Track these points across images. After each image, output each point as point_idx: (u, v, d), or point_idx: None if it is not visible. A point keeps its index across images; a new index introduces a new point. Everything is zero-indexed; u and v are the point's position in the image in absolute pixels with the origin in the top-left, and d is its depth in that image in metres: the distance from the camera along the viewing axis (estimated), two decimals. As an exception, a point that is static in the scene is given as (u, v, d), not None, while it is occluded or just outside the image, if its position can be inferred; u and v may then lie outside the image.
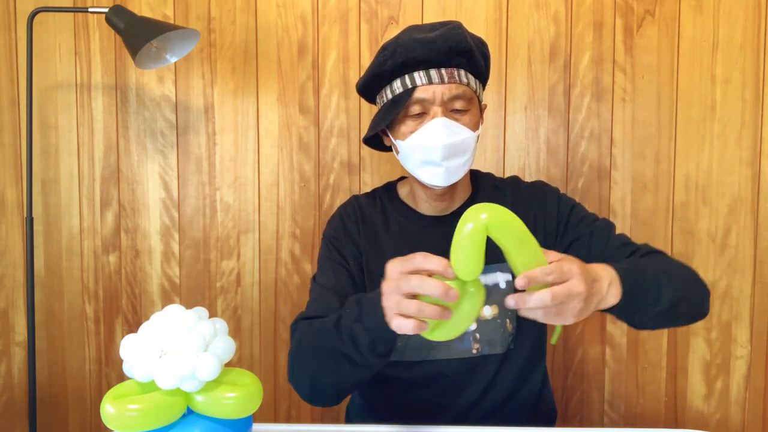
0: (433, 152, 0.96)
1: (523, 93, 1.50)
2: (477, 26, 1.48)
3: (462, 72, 0.98)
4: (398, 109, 0.97)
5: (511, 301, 0.71)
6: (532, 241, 0.73)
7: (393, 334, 0.79)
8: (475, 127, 1.00)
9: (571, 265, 0.73)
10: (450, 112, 0.98)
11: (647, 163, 1.49)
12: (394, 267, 0.77)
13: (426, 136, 0.96)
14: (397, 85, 0.99)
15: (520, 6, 1.48)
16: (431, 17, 1.49)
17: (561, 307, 0.72)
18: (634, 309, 0.85)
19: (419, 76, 0.97)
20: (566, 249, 1.05)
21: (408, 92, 0.97)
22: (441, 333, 0.74)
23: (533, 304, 0.70)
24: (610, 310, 0.83)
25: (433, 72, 0.97)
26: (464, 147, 0.98)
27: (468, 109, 0.99)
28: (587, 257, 0.99)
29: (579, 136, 1.50)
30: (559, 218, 1.07)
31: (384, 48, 1.00)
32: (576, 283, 0.71)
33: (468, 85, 0.99)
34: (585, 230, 1.04)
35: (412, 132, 0.98)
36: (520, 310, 0.73)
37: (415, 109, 0.97)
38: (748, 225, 1.49)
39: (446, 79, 0.96)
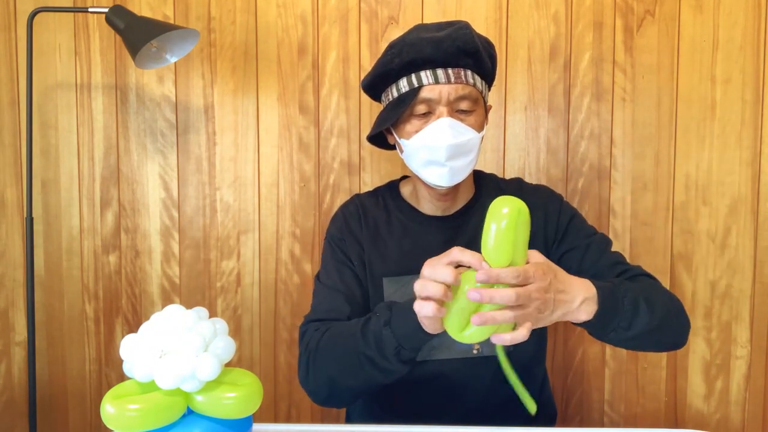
0: (437, 152, 0.96)
1: (523, 93, 1.50)
2: (477, 26, 1.48)
3: (469, 72, 0.98)
4: (404, 108, 0.97)
5: (474, 294, 0.70)
6: (526, 243, 0.75)
7: (420, 341, 0.81)
8: (480, 128, 1.00)
9: (537, 270, 0.73)
10: (455, 112, 0.98)
11: (647, 163, 1.49)
12: (429, 262, 0.77)
13: (431, 135, 0.96)
14: (404, 84, 0.98)
15: (520, 6, 1.48)
16: (431, 17, 1.49)
17: (520, 310, 0.72)
18: (607, 329, 0.84)
19: (426, 76, 0.97)
20: (560, 257, 1.05)
21: (414, 91, 0.97)
22: (475, 333, 0.74)
23: (499, 300, 0.71)
24: (584, 326, 0.83)
25: (439, 72, 0.96)
26: (469, 147, 0.98)
27: (473, 110, 0.99)
28: (578, 269, 1.01)
29: (579, 136, 1.50)
30: (558, 225, 1.06)
31: (391, 46, 1.00)
32: (538, 288, 0.72)
33: (474, 85, 0.99)
34: (581, 242, 1.04)
35: (417, 131, 0.98)
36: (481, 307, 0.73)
37: (421, 108, 0.97)
38: (748, 225, 1.49)
39: (453, 79, 0.96)
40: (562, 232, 1.06)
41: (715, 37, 1.46)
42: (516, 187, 1.11)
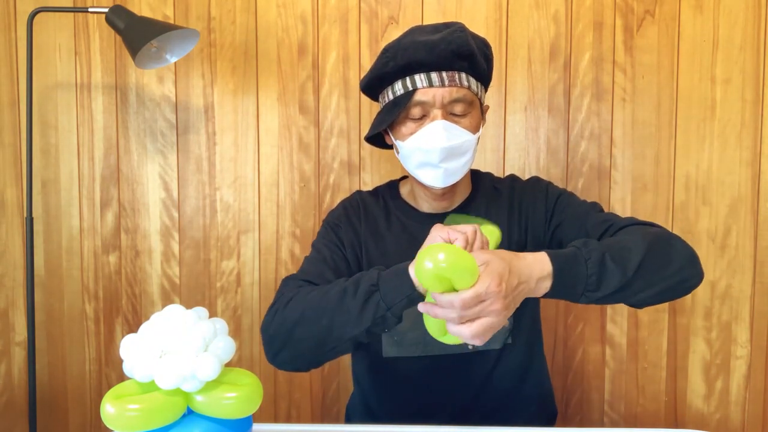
0: (431, 154, 0.97)
1: (523, 93, 1.50)
2: (477, 26, 1.48)
3: (463, 75, 0.98)
4: (399, 110, 0.98)
5: (422, 307, 0.76)
6: (474, 270, 0.74)
7: (402, 299, 0.81)
8: (475, 130, 1.00)
9: (482, 284, 0.73)
10: (450, 115, 0.98)
11: (647, 163, 1.49)
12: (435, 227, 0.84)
13: (425, 138, 0.97)
14: (399, 87, 0.99)
15: (520, 6, 1.48)
16: (431, 17, 1.49)
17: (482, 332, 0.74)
18: (574, 296, 0.82)
19: (420, 79, 0.97)
20: (551, 235, 1.06)
21: (408, 94, 0.97)
22: (453, 336, 0.76)
23: (442, 315, 0.74)
24: (550, 296, 0.82)
25: (434, 75, 0.97)
26: (463, 149, 0.98)
27: (468, 112, 0.99)
28: (568, 240, 1.00)
29: (579, 136, 1.50)
30: (547, 206, 1.07)
31: (386, 50, 1.00)
32: (491, 303, 0.73)
33: (469, 88, 0.99)
34: (568, 214, 1.05)
35: (412, 133, 0.99)
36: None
37: (416, 111, 0.98)
38: (748, 225, 1.49)
39: (447, 83, 0.97)
40: (551, 212, 1.07)
41: (715, 37, 1.46)
42: (509, 185, 1.12)
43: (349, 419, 1.21)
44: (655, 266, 0.85)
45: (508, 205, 1.09)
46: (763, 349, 1.50)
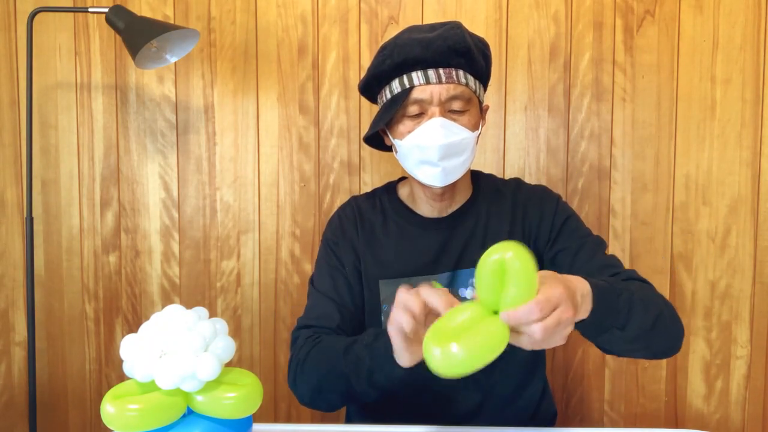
0: (429, 152, 0.96)
1: (523, 93, 1.50)
2: (477, 26, 1.48)
3: (461, 72, 0.98)
4: (396, 108, 0.97)
5: (504, 316, 0.67)
6: (535, 279, 0.67)
7: (392, 366, 0.81)
8: (474, 128, 1.00)
9: (555, 289, 0.68)
10: (448, 112, 0.98)
11: (647, 163, 1.49)
12: (400, 292, 0.76)
13: (423, 135, 0.96)
14: (396, 85, 0.99)
15: (520, 6, 1.48)
16: (431, 17, 1.49)
17: (551, 335, 0.68)
18: (602, 328, 0.81)
19: (417, 76, 0.97)
20: (553, 257, 1.04)
21: (406, 92, 0.97)
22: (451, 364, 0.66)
23: (526, 343, 0.68)
24: (577, 326, 0.78)
25: (431, 72, 0.96)
26: (462, 147, 0.98)
27: (467, 110, 0.99)
28: (569, 271, 0.98)
29: (579, 136, 1.50)
30: (553, 225, 1.06)
31: (383, 48, 1.00)
32: (564, 309, 0.68)
33: (467, 85, 0.98)
34: (574, 243, 1.03)
35: (409, 132, 0.98)
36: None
37: (413, 109, 0.97)
38: (748, 225, 1.49)
39: (444, 79, 0.96)
40: (557, 232, 1.05)
41: (715, 37, 1.46)
42: (514, 187, 1.11)
43: (349, 419, 1.21)
44: (666, 325, 0.89)
45: (511, 209, 1.07)
46: (763, 349, 1.51)
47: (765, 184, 1.47)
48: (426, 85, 0.96)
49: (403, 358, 0.79)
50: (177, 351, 0.69)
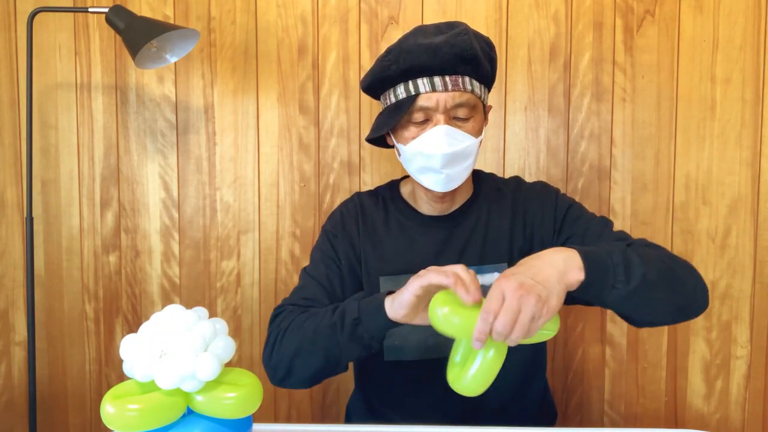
0: (433, 160, 0.96)
1: (523, 93, 1.50)
2: (477, 26, 1.48)
3: (467, 79, 0.97)
4: (401, 115, 0.97)
5: (477, 343, 0.74)
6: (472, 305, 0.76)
7: (382, 318, 0.85)
8: (478, 134, 0.99)
9: (494, 291, 0.73)
10: (453, 119, 0.97)
11: (647, 163, 1.49)
12: (430, 268, 0.82)
13: (427, 143, 0.96)
14: (401, 91, 0.98)
15: (520, 6, 1.48)
16: (431, 17, 1.49)
17: (519, 321, 0.72)
18: (606, 285, 0.81)
19: (423, 84, 0.96)
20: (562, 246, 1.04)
21: (411, 99, 0.96)
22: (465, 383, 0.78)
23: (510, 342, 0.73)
24: (581, 290, 0.80)
25: (437, 79, 0.95)
26: (466, 154, 0.98)
27: (471, 116, 0.98)
28: None
29: (579, 136, 1.50)
30: (555, 216, 1.06)
31: (388, 52, 0.99)
32: (513, 297, 0.71)
33: (472, 92, 0.98)
34: (580, 228, 1.04)
35: (414, 137, 0.98)
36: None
37: (418, 116, 0.97)
38: (748, 225, 1.49)
39: (450, 87, 0.95)
40: (560, 222, 1.06)
41: (715, 37, 1.46)
42: (514, 186, 1.11)
43: (349, 419, 1.21)
44: (673, 277, 0.87)
45: (512, 208, 1.08)
46: (763, 349, 1.51)
47: (765, 184, 1.47)
48: (432, 93, 0.95)
49: (399, 310, 0.83)
50: (177, 351, 0.69)
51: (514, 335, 0.71)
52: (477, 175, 1.14)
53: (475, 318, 0.72)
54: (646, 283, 0.82)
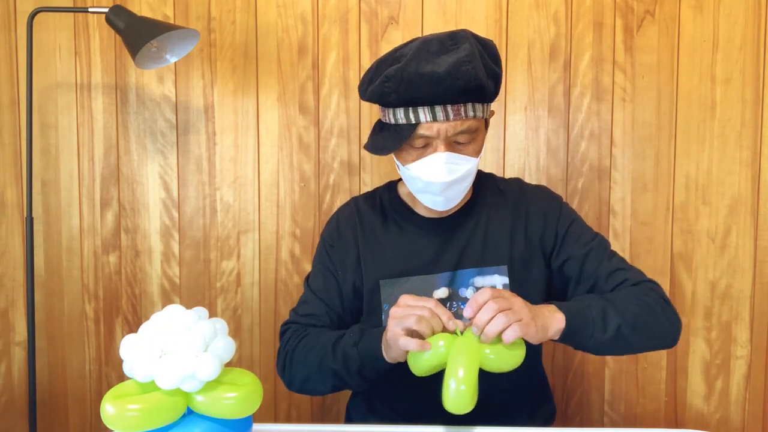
0: (432, 186, 0.97)
1: (523, 93, 1.50)
2: (477, 26, 1.48)
3: (469, 106, 0.94)
4: (402, 141, 0.95)
5: (474, 329, 0.85)
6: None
7: (382, 363, 0.92)
8: (478, 153, 0.99)
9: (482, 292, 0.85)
10: (454, 143, 0.96)
11: (647, 163, 1.49)
12: (405, 298, 0.89)
13: (426, 171, 0.96)
14: (401, 116, 0.95)
15: (520, 6, 1.48)
16: (431, 17, 1.49)
17: (509, 312, 0.83)
18: (583, 334, 0.91)
19: (423, 113, 0.93)
20: (560, 266, 1.05)
21: (412, 126, 0.94)
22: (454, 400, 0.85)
23: (486, 319, 0.83)
24: (566, 342, 0.92)
25: (438, 109, 0.93)
26: (465, 176, 0.98)
27: (473, 139, 0.97)
28: (578, 279, 1.04)
29: (579, 136, 1.50)
30: (557, 231, 1.06)
31: (388, 78, 0.93)
32: (493, 297, 0.84)
33: (475, 117, 0.95)
34: (580, 250, 1.04)
35: (414, 160, 0.97)
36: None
37: (419, 142, 0.96)
38: (748, 225, 1.49)
39: (452, 117, 0.93)
40: (561, 238, 1.05)
41: (715, 37, 1.46)
42: (516, 188, 1.11)
43: (349, 419, 1.21)
44: (650, 322, 0.97)
45: (513, 210, 1.07)
46: (763, 349, 1.51)
47: (765, 184, 1.47)
48: (433, 123, 0.93)
49: (398, 358, 0.91)
50: (177, 351, 0.69)
51: (493, 325, 0.82)
52: (477, 175, 1.13)
53: (437, 340, 0.85)
54: (621, 333, 0.92)
